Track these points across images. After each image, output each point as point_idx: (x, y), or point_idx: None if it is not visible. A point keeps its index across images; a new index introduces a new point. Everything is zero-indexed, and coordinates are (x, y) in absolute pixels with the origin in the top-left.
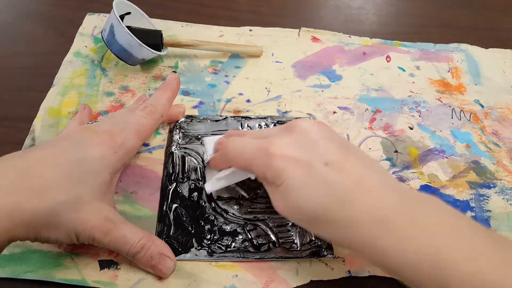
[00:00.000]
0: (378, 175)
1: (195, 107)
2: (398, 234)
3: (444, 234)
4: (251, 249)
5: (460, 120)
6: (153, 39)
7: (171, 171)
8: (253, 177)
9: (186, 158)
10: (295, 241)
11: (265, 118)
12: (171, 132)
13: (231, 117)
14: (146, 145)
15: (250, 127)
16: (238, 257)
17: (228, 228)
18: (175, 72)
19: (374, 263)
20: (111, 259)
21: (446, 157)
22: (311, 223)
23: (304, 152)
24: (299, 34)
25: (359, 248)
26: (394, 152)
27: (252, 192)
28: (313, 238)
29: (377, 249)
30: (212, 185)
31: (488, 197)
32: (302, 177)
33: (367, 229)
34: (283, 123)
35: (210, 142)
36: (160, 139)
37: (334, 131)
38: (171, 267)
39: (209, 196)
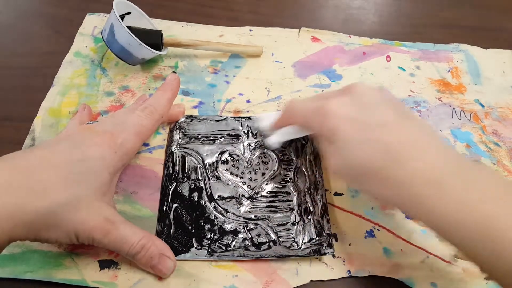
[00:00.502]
0: (433, 139)
1: (195, 107)
2: (450, 197)
3: (496, 200)
4: (251, 247)
5: (460, 119)
6: (153, 39)
7: (171, 171)
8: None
9: (186, 158)
10: (296, 240)
11: None
12: (171, 132)
13: (231, 117)
14: (146, 145)
15: (250, 127)
16: (238, 256)
17: (228, 227)
18: (175, 72)
19: (421, 221)
20: (111, 259)
21: None
22: (363, 181)
23: (360, 112)
24: (299, 34)
25: (407, 207)
26: None
27: (253, 192)
28: (313, 237)
29: (427, 209)
30: (276, 137)
31: None
32: (357, 135)
33: (419, 189)
34: None
35: (266, 118)
36: (160, 139)
37: (393, 97)
38: (171, 267)
39: (210, 196)
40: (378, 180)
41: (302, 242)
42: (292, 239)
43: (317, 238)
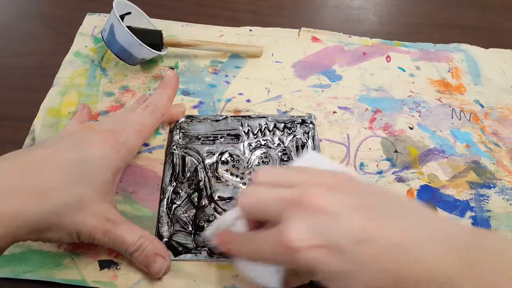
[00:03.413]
0: (422, 229)
1: (195, 107)
2: None
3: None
4: None
5: (460, 120)
6: (153, 39)
7: (171, 171)
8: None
9: (186, 158)
10: None
11: (265, 117)
12: (171, 132)
13: (231, 116)
14: (146, 145)
15: (250, 126)
16: None
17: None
18: (173, 68)
19: None
20: (111, 259)
21: (446, 157)
22: None
23: (329, 234)
24: (299, 34)
25: None
26: (394, 152)
27: None
28: None
29: None
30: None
31: (488, 197)
32: (338, 267)
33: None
34: (283, 123)
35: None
36: (160, 139)
37: (354, 184)
38: (163, 267)
39: (210, 197)
40: None
41: None
42: None
43: None
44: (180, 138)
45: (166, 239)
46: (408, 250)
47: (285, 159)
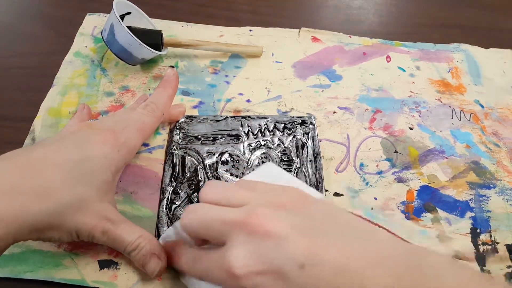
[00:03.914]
0: (364, 251)
1: (195, 107)
2: None
3: None
4: None
5: (460, 120)
6: (153, 39)
7: (171, 171)
8: None
9: (186, 158)
10: None
11: (265, 117)
12: (171, 132)
13: (231, 117)
14: (146, 145)
15: (250, 126)
16: None
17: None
18: (173, 67)
19: None
20: (110, 259)
21: (446, 158)
22: None
23: (272, 259)
24: (299, 34)
25: None
26: (394, 152)
27: None
28: None
29: None
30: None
31: (488, 197)
32: None
33: None
34: (283, 123)
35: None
36: (160, 139)
37: (301, 203)
38: (157, 267)
39: None
40: None
41: None
42: None
43: None
44: (180, 138)
45: None
46: (349, 274)
47: (285, 159)
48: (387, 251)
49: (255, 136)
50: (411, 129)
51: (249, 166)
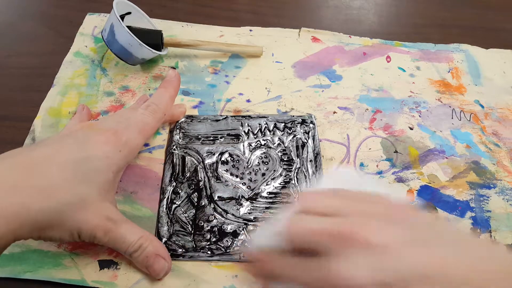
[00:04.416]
0: (481, 262)
1: (195, 107)
2: None
3: None
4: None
5: (460, 120)
6: (153, 39)
7: (171, 171)
8: None
9: (186, 158)
10: None
11: (265, 117)
12: (171, 132)
13: (232, 116)
14: (146, 145)
15: (250, 126)
16: (238, 257)
17: (228, 228)
18: (174, 68)
19: None
20: (110, 259)
21: (446, 158)
22: None
23: (389, 271)
24: (299, 34)
25: None
26: (394, 152)
27: (252, 193)
28: None
29: None
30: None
31: (488, 197)
32: None
33: None
34: (283, 123)
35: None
36: (160, 139)
37: (400, 212)
38: (164, 268)
39: (209, 197)
40: None
41: None
42: None
43: None
44: (180, 138)
45: (165, 240)
46: (474, 281)
47: (285, 159)
48: (501, 260)
49: (255, 136)
50: (411, 129)
51: (249, 166)
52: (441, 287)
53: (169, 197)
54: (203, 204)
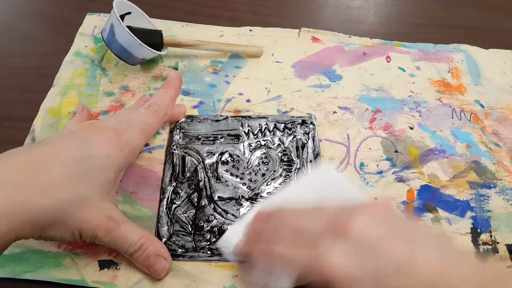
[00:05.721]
0: (456, 261)
1: (195, 107)
2: None
3: None
4: None
5: (460, 120)
6: (153, 39)
7: (171, 171)
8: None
9: (186, 158)
10: None
11: (265, 117)
12: (171, 132)
13: (232, 117)
14: (146, 145)
15: (250, 126)
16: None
17: (228, 228)
18: (176, 69)
19: None
20: (110, 259)
21: (447, 157)
22: None
23: (368, 264)
24: (299, 34)
25: None
26: (394, 152)
27: (252, 193)
28: None
29: None
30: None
31: (488, 197)
32: None
33: None
34: (283, 123)
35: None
36: (160, 139)
37: (391, 215)
38: (165, 268)
39: (209, 197)
40: None
41: None
42: None
43: None
44: (180, 138)
45: (165, 240)
46: (441, 282)
47: (285, 160)
48: (469, 264)
49: (255, 136)
50: (411, 128)
51: (249, 166)
52: (410, 281)
53: (169, 197)
54: (203, 204)
